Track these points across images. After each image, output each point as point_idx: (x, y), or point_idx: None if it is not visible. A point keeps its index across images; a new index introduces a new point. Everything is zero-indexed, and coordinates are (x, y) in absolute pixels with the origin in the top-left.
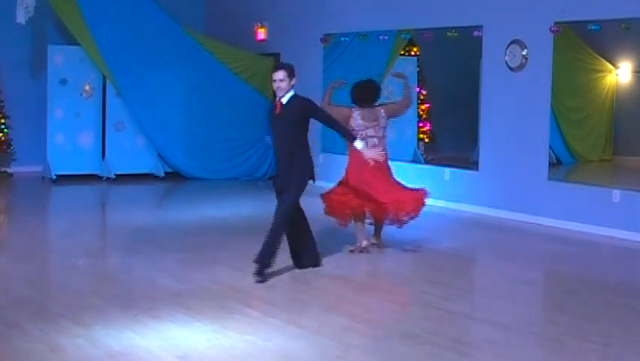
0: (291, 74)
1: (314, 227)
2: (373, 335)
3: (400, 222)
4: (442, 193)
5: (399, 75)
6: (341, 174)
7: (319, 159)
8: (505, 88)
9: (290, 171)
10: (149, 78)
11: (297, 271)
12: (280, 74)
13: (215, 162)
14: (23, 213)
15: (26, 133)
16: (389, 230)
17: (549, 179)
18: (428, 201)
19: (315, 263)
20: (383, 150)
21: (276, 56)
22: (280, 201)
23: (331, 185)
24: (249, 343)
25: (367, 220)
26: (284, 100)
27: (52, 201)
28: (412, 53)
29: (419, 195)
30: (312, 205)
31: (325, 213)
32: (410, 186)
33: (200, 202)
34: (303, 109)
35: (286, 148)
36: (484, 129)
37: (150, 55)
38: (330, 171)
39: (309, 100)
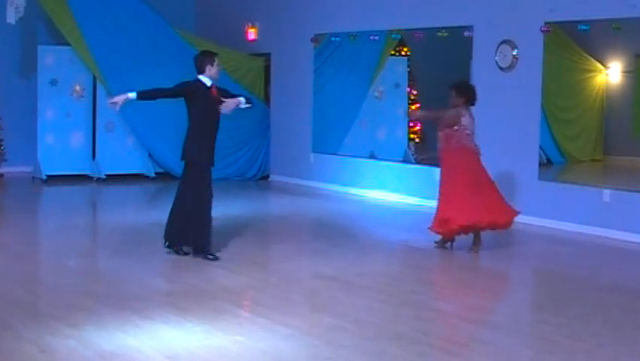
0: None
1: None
2: (363, 335)
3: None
4: (432, 193)
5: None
6: (331, 174)
7: (310, 159)
8: (496, 88)
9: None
10: (140, 78)
11: (288, 271)
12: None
13: None
14: (14, 213)
15: (17, 133)
16: (381, 230)
17: (540, 179)
18: (418, 200)
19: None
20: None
21: (267, 56)
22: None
23: (321, 184)
24: (239, 343)
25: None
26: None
27: (42, 202)
28: (403, 53)
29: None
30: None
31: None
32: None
33: None
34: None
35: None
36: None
37: (141, 55)
38: (320, 171)
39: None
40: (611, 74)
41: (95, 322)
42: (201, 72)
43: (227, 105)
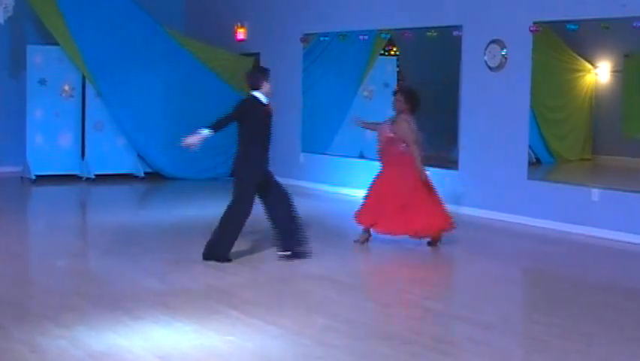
0: None
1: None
2: (354, 335)
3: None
4: None
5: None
6: (320, 174)
7: (300, 159)
8: (485, 88)
9: None
10: (129, 78)
11: (278, 271)
12: None
13: (195, 162)
14: (3, 213)
15: (5, 133)
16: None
17: (529, 178)
18: None
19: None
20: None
21: (256, 55)
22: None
23: (310, 184)
24: (230, 343)
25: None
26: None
27: (32, 202)
28: (392, 53)
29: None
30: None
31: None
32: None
33: (181, 202)
34: None
35: None
36: (463, 129)
37: (130, 55)
38: (310, 171)
39: None
40: (599, 73)
41: (85, 322)
42: (256, 89)
43: None
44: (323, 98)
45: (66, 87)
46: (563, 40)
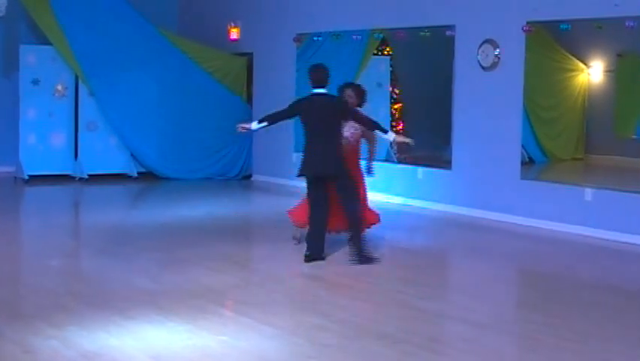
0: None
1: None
2: (347, 334)
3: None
4: (415, 192)
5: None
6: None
7: (292, 159)
8: (478, 87)
9: None
10: (122, 78)
11: (271, 271)
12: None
13: (188, 162)
14: None
15: None
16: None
17: (522, 178)
18: (401, 200)
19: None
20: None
21: (249, 55)
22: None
23: (303, 184)
24: (222, 343)
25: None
26: None
27: (25, 202)
28: (385, 53)
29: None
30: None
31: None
32: None
33: (174, 202)
34: None
35: None
36: (457, 128)
37: (123, 55)
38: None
39: None
40: (592, 73)
41: (78, 322)
42: (322, 87)
43: None
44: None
45: (59, 87)
46: (556, 40)
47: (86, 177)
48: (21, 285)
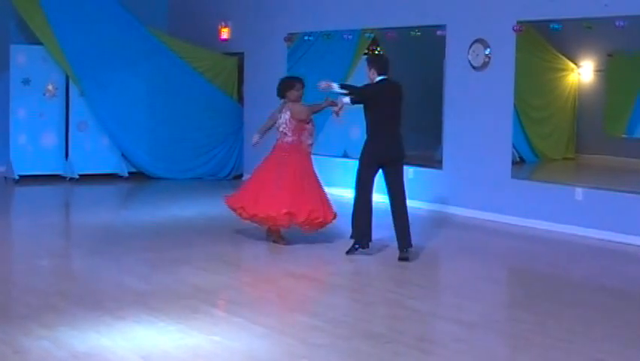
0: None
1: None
2: (338, 334)
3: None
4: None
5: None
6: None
7: None
8: (469, 87)
9: None
10: (113, 78)
11: (262, 270)
12: None
13: (179, 162)
14: None
15: None
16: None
17: (512, 177)
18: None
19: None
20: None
21: (240, 55)
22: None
23: None
24: (214, 343)
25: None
26: None
27: (15, 202)
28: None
29: None
30: None
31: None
32: None
33: (165, 202)
34: None
35: None
36: (447, 128)
37: (114, 55)
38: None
39: None
40: (583, 72)
41: (68, 322)
42: (385, 73)
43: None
44: (307, 98)
45: (50, 87)
46: (546, 40)
47: (77, 177)
48: (11, 285)
